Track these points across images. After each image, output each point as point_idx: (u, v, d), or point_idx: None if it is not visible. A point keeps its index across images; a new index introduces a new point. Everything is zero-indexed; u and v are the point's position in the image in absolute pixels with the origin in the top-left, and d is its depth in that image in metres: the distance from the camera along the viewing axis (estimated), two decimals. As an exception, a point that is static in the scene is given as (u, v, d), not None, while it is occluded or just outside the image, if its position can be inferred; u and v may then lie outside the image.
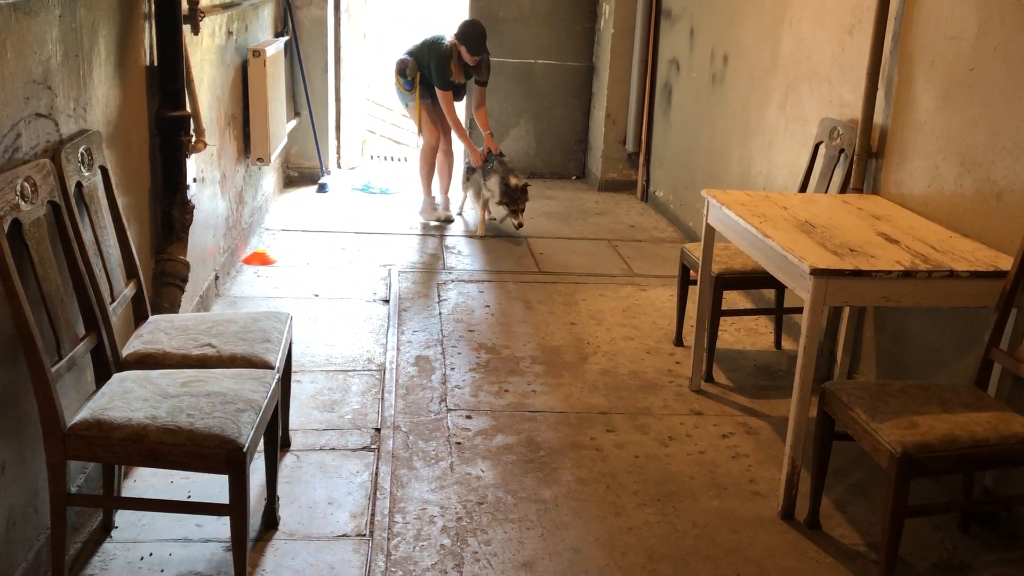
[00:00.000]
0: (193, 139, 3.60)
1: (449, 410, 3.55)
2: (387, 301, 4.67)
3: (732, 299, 4.70)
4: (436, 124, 6.07)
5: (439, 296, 4.79)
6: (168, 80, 3.41)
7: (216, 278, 4.48)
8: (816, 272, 2.66)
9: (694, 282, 3.91)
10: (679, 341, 4.25)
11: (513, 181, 5.62)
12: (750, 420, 3.56)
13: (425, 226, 6.06)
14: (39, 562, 2.38)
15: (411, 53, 5.93)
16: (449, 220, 6.16)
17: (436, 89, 5.83)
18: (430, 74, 5.82)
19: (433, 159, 6.14)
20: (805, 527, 2.84)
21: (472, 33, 5.73)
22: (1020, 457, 2.46)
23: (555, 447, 3.29)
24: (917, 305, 2.84)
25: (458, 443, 3.30)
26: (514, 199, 5.64)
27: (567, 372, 3.92)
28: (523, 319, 4.52)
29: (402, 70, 5.91)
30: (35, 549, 2.37)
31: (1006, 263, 2.73)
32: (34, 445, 2.33)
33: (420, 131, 6.11)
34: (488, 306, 4.69)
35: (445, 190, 6.32)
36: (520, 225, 5.64)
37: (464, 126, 6.28)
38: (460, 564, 2.61)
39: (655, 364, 4.04)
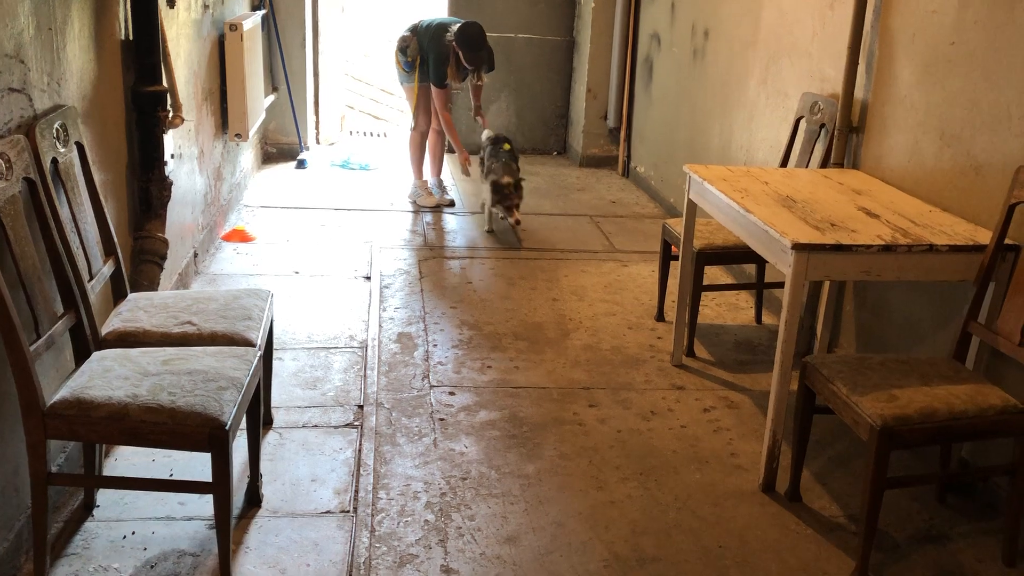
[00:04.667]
0: (170, 114, 3.55)
1: (432, 387, 3.55)
2: (369, 278, 4.65)
3: (713, 274, 4.72)
4: (431, 111, 5.88)
5: (421, 273, 4.78)
6: (144, 54, 3.35)
7: (195, 255, 4.44)
8: (797, 247, 2.67)
9: (675, 257, 3.91)
10: (660, 316, 4.27)
11: (505, 179, 5.29)
12: (731, 394, 3.58)
13: (412, 203, 6.01)
14: (20, 541, 2.36)
15: (414, 31, 5.68)
16: (451, 204, 6.02)
17: (431, 84, 5.67)
18: (428, 63, 5.63)
19: (423, 144, 6.00)
20: (786, 499, 2.87)
21: (469, 39, 5.45)
22: (997, 429, 2.50)
23: (538, 422, 3.30)
24: (897, 279, 2.86)
25: (441, 419, 3.30)
26: (506, 196, 5.31)
27: (549, 348, 3.93)
28: (505, 295, 4.52)
29: (403, 48, 5.68)
30: (15, 529, 2.35)
31: (985, 237, 2.75)
32: (13, 424, 2.31)
33: (414, 114, 5.93)
34: (470, 283, 4.68)
35: (438, 172, 6.16)
36: (517, 222, 5.33)
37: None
38: (444, 539, 2.62)
39: (637, 339, 4.05)
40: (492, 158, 5.53)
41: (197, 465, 2.79)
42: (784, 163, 4.00)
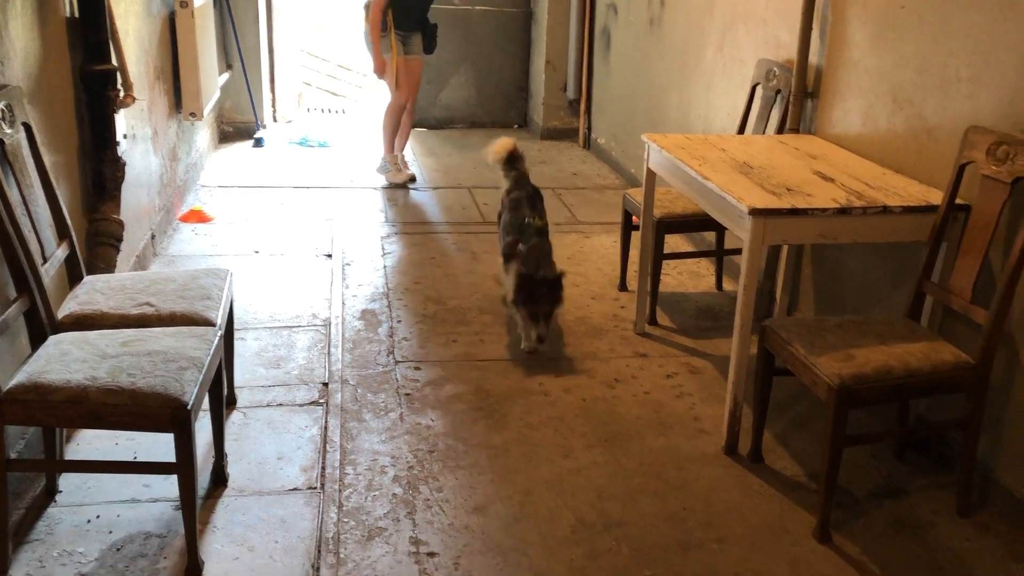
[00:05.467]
0: (121, 94, 3.49)
1: (397, 362, 3.54)
2: (330, 256, 4.62)
3: (674, 243, 4.75)
4: (411, 84, 5.76)
5: (383, 249, 4.76)
6: (91, 32, 3.28)
7: (152, 237, 4.38)
8: (754, 212, 2.70)
9: (637, 227, 3.93)
10: (623, 286, 4.30)
11: (541, 273, 3.49)
12: (693, 360, 3.62)
13: (383, 178, 5.94)
14: (-18, 529, 2.33)
15: None
16: (413, 179, 5.95)
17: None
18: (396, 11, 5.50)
19: (400, 117, 5.86)
20: (748, 461, 2.92)
21: None
22: (951, 384, 2.56)
23: (504, 394, 3.32)
24: (853, 241, 2.90)
25: (407, 394, 3.30)
26: (533, 300, 3.46)
27: (514, 320, 3.94)
28: (469, 270, 4.51)
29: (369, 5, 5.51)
30: (-23, 517, 2.32)
31: (937, 198, 2.80)
32: (-31, 412, 2.28)
33: (396, 86, 5.69)
34: (434, 258, 4.67)
35: (402, 147, 6.08)
36: (540, 340, 3.52)
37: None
38: (412, 511, 2.63)
39: (600, 309, 4.08)
40: (515, 231, 3.77)
41: (161, 447, 2.77)
42: (741, 130, 4.03)
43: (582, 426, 3.12)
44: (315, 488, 2.73)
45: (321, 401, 3.23)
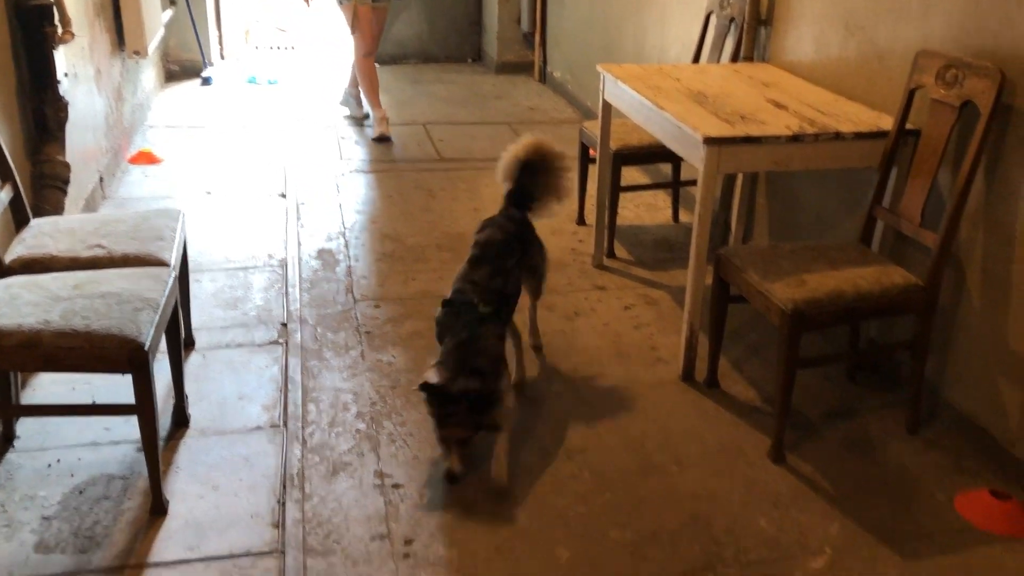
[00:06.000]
0: (59, 30, 3.36)
1: (356, 301, 3.54)
2: (284, 196, 4.56)
3: (631, 176, 4.76)
4: (371, 29, 5.45)
5: (338, 189, 4.70)
6: (24, -35, 3.15)
7: (101, 180, 4.28)
8: (709, 140, 2.71)
9: (593, 160, 3.93)
10: (581, 220, 4.31)
11: (435, 377, 2.41)
12: (651, 291, 3.66)
13: (330, 118, 5.83)
14: (-60, 477, 2.31)
15: None
16: (366, 117, 5.81)
17: None
18: None
19: (371, 65, 5.56)
20: (704, 387, 2.98)
21: None
22: (900, 306, 2.62)
23: (464, 329, 3.33)
24: (806, 168, 2.93)
25: (367, 332, 3.30)
26: (441, 422, 2.44)
27: (472, 256, 3.93)
28: (426, 207, 4.49)
29: None
30: (-66, 464, 2.30)
31: (888, 123, 2.83)
32: (-81, 359, 2.23)
33: (352, 32, 5.46)
34: (390, 196, 4.63)
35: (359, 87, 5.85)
36: (451, 478, 2.45)
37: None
38: (376, 446, 2.66)
39: (559, 244, 4.09)
40: (452, 306, 2.64)
41: (119, 389, 2.74)
42: (696, 59, 4.01)
43: (543, 359, 3.15)
44: (278, 426, 2.74)
45: (280, 341, 3.22)
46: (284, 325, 3.32)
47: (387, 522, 2.35)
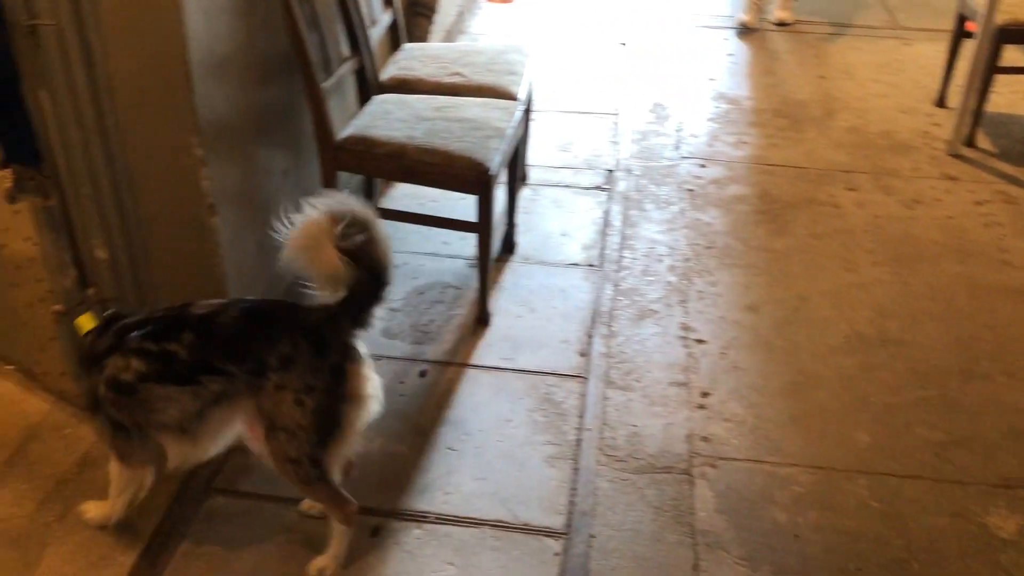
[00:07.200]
0: None
1: (683, 157, 3.53)
2: (625, 44, 4.57)
3: (1012, 57, 4.19)
4: None
5: (680, 43, 4.61)
6: None
7: (460, 14, 4.54)
8: None
9: (970, 35, 3.50)
10: (941, 102, 3.90)
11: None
12: (1011, 189, 3.29)
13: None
14: (314, 259, 2.71)
15: None
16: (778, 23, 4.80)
17: None
18: None
19: None
20: (1057, 302, 2.69)
21: None
22: None
23: (790, 201, 3.23)
24: None
25: (690, 190, 3.31)
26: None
27: (811, 127, 3.75)
28: (768, 70, 4.29)
29: None
30: (311, 248, 2.69)
31: None
32: (309, 156, 2.59)
33: None
34: (732, 55, 4.47)
35: None
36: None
37: None
38: (685, 300, 2.71)
39: (909, 124, 3.76)
40: None
41: (457, 212, 3.02)
42: None
43: (871, 243, 2.99)
44: (594, 266, 2.87)
45: (605, 187, 3.32)
46: (610, 172, 3.41)
47: (686, 372, 2.42)
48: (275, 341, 1.69)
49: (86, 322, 1.79)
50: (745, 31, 4.68)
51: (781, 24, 4.74)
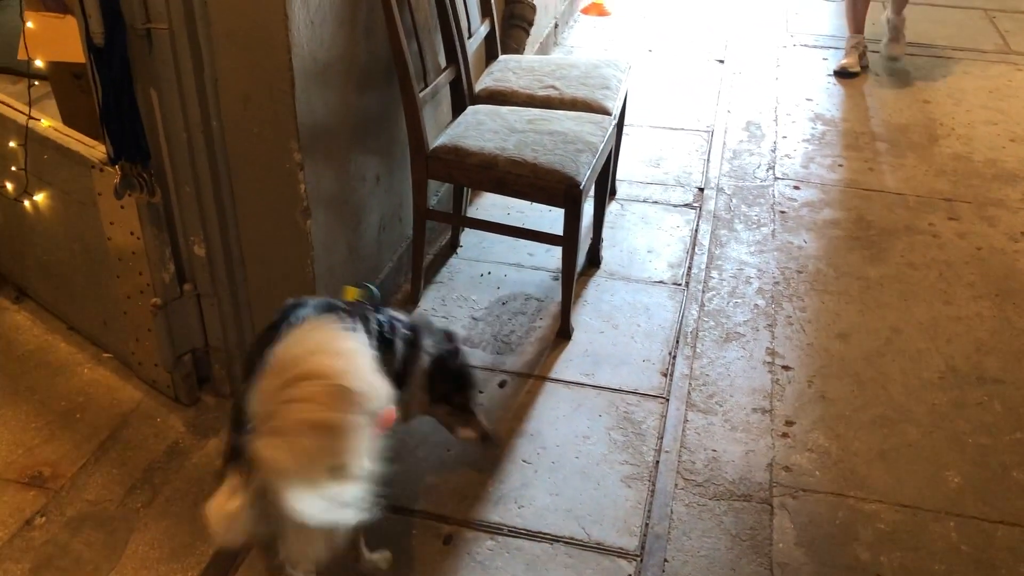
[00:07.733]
0: None
1: (776, 178, 3.46)
2: (722, 61, 4.51)
3: None
4: None
5: (777, 61, 4.53)
6: None
7: (556, 26, 4.56)
8: None
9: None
10: (1055, 130, 3.74)
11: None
12: None
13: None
14: (401, 265, 2.75)
15: None
16: (856, 70, 4.39)
17: None
18: None
19: None
20: None
21: None
22: None
23: (887, 228, 3.13)
24: None
25: (782, 212, 3.24)
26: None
27: (912, 152, 3.63)
28: (869, 92, 4.18)
29: None
30: (398, 253, 2.74)
31: None
32: (401, 164, 2.63)
33: None
34: (829, 75, 4.36)
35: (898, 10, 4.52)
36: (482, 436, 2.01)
37: None
38: (773, 324, 2.65)
39: (1018, 153, 3.61)
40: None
41: (545, 224, 3.02)
42: None
43: (971, 275, 2.87)
44: (679, 285, 2.84)
45: (695, 205, 3.28)
46: (701, 190, 3.37)
47: (771, 399, 2.37)
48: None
49: (350, 293, 1.93)
50: (846, 75, 4.27)
51: (893, 59, 4.41)
